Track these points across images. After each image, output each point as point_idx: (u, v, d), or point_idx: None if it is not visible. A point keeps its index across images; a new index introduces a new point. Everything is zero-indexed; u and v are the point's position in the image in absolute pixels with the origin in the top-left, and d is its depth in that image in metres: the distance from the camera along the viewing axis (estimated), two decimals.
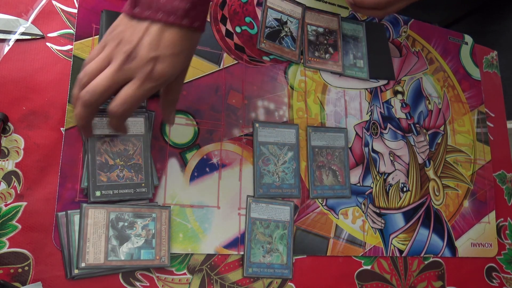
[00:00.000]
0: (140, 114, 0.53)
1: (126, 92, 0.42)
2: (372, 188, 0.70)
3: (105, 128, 0.52)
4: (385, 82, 0.77)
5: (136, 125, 0.53)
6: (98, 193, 0.50)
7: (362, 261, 0.67)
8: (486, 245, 0.77)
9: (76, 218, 0.51)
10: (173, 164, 0.58)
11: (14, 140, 0.52)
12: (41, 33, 0.55)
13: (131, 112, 0.44)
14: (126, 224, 0.53)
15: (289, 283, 0.61)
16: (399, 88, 0.79)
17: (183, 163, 0.59)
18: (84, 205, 0.51)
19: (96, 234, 0.51)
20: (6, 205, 0.50)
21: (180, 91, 0.49)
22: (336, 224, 0.66)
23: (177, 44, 0.42)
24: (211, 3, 0.45)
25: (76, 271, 0.49)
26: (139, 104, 0.44)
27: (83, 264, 0.49)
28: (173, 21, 0.41)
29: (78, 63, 0.56)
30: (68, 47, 0.57)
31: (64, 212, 0.51)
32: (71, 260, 0.50)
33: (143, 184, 0.52)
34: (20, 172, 0.51)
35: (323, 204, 0.66)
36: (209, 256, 0.58)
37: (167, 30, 0.42)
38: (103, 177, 0.50)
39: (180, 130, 0.60)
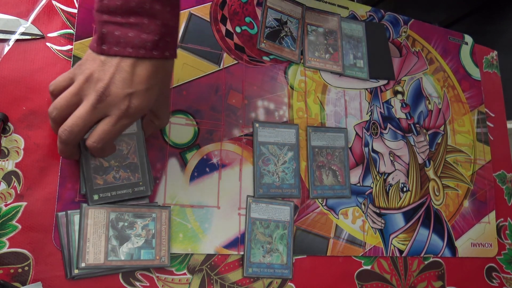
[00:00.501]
0: None
1: (103, 128, 0.43)
2: (372, 188, 0.70)
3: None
4: (385, 82, 0.77)
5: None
6: (96, 197, 0.50)
7: (362, 261, 0.67)
8: (486, 245, 0.77)
9: (76, 218, 0.51)
10: (173, 164, 0.58)
11: (14, 140, 0.52)
12: (41, 33, 0.55)
13: (110, 144, 0.45)
14: (126, 224, 0.53)
15: (289, 283, 0.61)
16: (399, 88, 0.79)
17: (183, 163, 0.59)
18: (84, 205, 0.51)
19: (96, 234, 0.51)
20: (6, 205, 0.50)
21: (168, 116, 0.50)
22: (336, 224, 0.66)
23: (151, 77, 0.42)
24: (179, 30, 0.45)
25: (76, 271, 0.49)
26: (116, 137, 0.45)
27: (83, 264, 0.49)
28: (144, 55, 0.41)
29: None
30: (68, 47, 0.57)
31: (64, 212, 0.51)
32: (71, 260, 0.50)
33: (140, 183, 0.52)
34: (20, 172, 0.51)
35: (323, 204, 0.66)
36: (209, 256, 0.58)
37: (139, 64, 0.41)
38: (99, 180, 0.50)
39: (180, 130, 0.60)
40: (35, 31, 0.55)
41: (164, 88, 0.45)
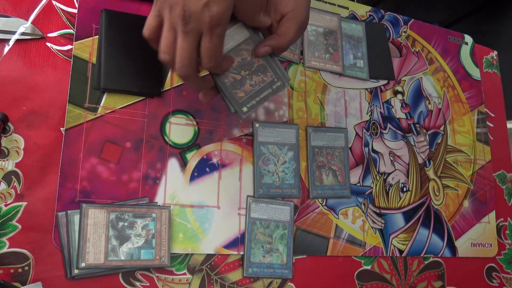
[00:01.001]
0: (235, 21, 0.50)
1: (204, 48, 0.43)
2: (372, 188, 0.70)
3: None
4: (385, 82, 0.77)
5: (239, 32, 0.50)
6: (245, 109, 0.48)
7: (362, 261, 0.67)
8: (486, 245, 0.77)
9: (76, 218, 0.51)
10: (173, 164, 0.58)
11: (14, 140, 0.52)
12: (41, 33, 0.55)
13: (222, 57, 0.45)
14: (126, 224, 0.53)
15: (289, 283, 0.61)
16: (399, 88, 0.79)
17: (183, 163, 0.59)
18: (84, 205, 0.51)
19: (96, 234, 0.51)
20: (6, 205, 0.50)
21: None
22: (336, 224, 0.66)
23: None
24: None
25: (76, 271, 0.49)
26: (221, 47, 0.44)
27: (83, 264, 0.49)
28: None
29: (78, 63, 0.56)
30: (68, 47, 0.57)
31: (64, 212, 0.51)
32: (71, 260, 0.50)
33: (275, 79, 0.50)
34: (20, 172, 0.51)
35: (323, 204, 0.66)
36: (209, 256, 0.58)
37: None
38: (240, 93, 0.49)
39: (180, 130, 0.60)
40: (35, 31, 0.55)
41: None
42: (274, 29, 0.50)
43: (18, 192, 0.50)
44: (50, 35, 0.56)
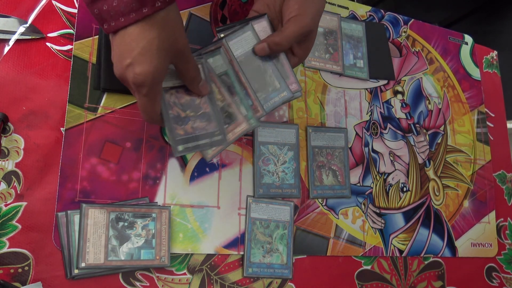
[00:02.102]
0: (198, 61, 0.50)
1: (142, 112, 0.45)
2: (372, 188, 0.70)
3: (168, 80, 0.49)
4: (385, 82, 0.77)
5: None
6: (180, 148, 0.48)
7: (362, 261, 0.67)
8: (486, 245, 0.77)
9: (76, 218, 0.51)
10: (173, 164, 0.58)
11: (14, 140, 0.52)
12: (41, 33, 0.55)
13: (157, 113, 0.46)
14: (126, 224, 0.53)
15: (289, 283, 0.61)
16: (399, 88, 0.79)
17: (183, 163, 0.59)
18: (84, 205, 0.51)
19: (96, 234, 0.51)
20: (6, 205, 0.50)
21: (193, 67, 0.47)
22: (336, 224, 0.66)
23: (143, 37, 0.40)
24: None
25: (76, 271, 0.49)
26: (154, 106, 0.44)
27: (83, 264, 0.49)
28: (135, 18, 0.39)
29: (78, 63, 0.56)
30: (68, 47, 0.57)
31: (64, 212, 0.51)
32: (71, 260, 0.50)
33: (217, 132, 0.50)
34: (20, 172, 0.51)
35: (323, 204, 0.66)
36: (209, 256, 0.58)
37: (127, 33, 0.40)
38: (180, 130, 0.48)
39: None
40: (35, 31, 0.55)
41: (170, 41, 0.42)
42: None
43: (18, 192, 0.50)
44: (50, 35, 0.56)
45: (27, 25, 0.55)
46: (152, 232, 0.53)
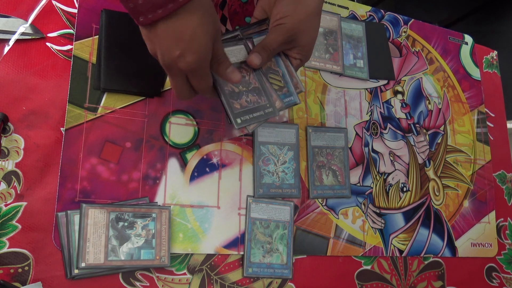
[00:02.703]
0: (240, 42, 0.53)
1: (194, 85, 0.46)
2: (372, 188, 0.70)
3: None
4: (385, 82, 0.77)
5: (240, 52, 0.53)
6: (239, 120, 0.50)
7: (362, 261, 0.67)
8: (486, 245, 0.77)
9: (76, 218, 0.51)
10: (173, 164, 0.58)
11: (14, 140, 0.52)
12: (41, 33, 0.55)
13: (210, 86, 0.48)
14: (126, 224, 0.53)
15: (289, 283, 0.61)
16: (399, 88, 0.79)
17: (183, 163, 0.59)
18: (84, 205, 0.51)
19: (96, 234, 0.51)
20: (6, 205, 0.50)
21: (221, 49, 0.47)
22: (336, 224, 0.66)
23: (188, 25, 0.40)
24: None
25: (76, 271, 0.49)
26: (209, 82, 0.46)
27: (83, 264, 0.49)
28: (173, 7, 0.39)
29: (78, 63, 0.56)
30: (68, 47, 0.57)
31: (64, 212, 0.51)
32: (71, 260, 0.50)
33: (268, 105, 0.52)
34: (20, 172, 0.51)
35: (323, 204, 0.66)
36: (209, 256, 0.58)
37: (169, 23, 0.40)
38: (237, 105, 0.50)
39: (180, 130, 0.60)
40: (35, 31, 0.55)
41: (211, 23, 0.43)
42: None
43: (18, 192, 0.50)
44: (50, 35, 0.56)
45: (27, 25, 0.55)
46: (152, 232, 0.54)
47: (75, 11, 0.58)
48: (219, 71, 0.48)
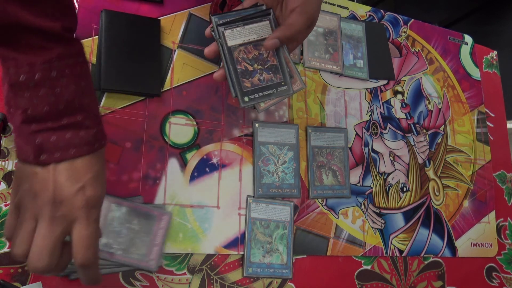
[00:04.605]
0: (265, 17, 0.54)
1: (80, 236, 0.38)
2: (372, 188, 0.70)
3: (237, 37, 0.53)
4: (385, 82, 0.77)
5: (264, 28, 0.54)
6: (246, 99, 0.50)
7: (362, 261, 0.67)
8: (486, 245, 0.77)
9: None
10: (173, 164, 0.58)
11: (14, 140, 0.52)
12: None
13: (97, 249, 0.40)
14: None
15: (289, 283, 0.61)
16: (399, 88, 0.79)
17: (183, 163, 0.59)
18: None
19: None
20: (6, 205, 0.50)
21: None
22: (336, 224, 0.66)
23: (93, 165, 0.39)
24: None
25: None
26: (100, 233, 0.40)
27: None
28: (88, 150, 0.39)
29: None
30: None
31: None
32: None
33: (283, 83, 0.53)
34: None
35: (323, 204, 0.66)
36: (209, 256, 0.58)
37: (76, 160, 0.38)
38: (247, 83, 0.51)
39: (180, 130, 0.60)
40: None
41: (105, 173, 0.42)
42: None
43: None
44: None
45: None
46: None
47: (75, 11, 0.58)
48: None
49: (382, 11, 0.82)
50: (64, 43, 0.37)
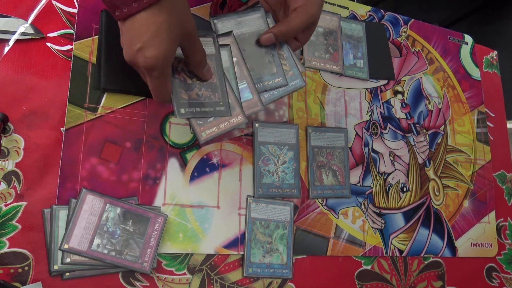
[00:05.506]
0: (209, 34, 0.52)
1: (151, 87, 0.45)
2: (372, 188, 0.70)
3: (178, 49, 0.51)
4: (385, 82, 0.77)
5: (207, 44, 0.52)
6: (182, 110, 0.48)
7: (362, 261, 0.67)
8: (486, 245, 0.77)
9: (62, 213, 0.51)
10: (173, 164, 0.58)
11: (14, 140, 0.52)
12: (41, 33, 0.55)
13: (169, 93, 0.47)
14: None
15: (289, 283, 0.61)
16: (399, 88, 0.79)
17: (183, 163, 0.59)
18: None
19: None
20: (6, 205, 0.50)
21: (200, 51, 0.48)
22: (336, 224, 0.66)
23: (152, 23, 0.41)
24: None
25: (55, 267, 0.49)
26: (166, 87, 0.45)
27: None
28: (147, 3, 0.40)
29: (78, 63, 0.56)
30: (68, 47, 0.57)
31: (49, 209, 0.51)
32: (51, 256, 0.49)
33: (221, 103, 0.51)
34: (20, 172, 0.51)
35: (323, 204, 0.66)
36: (209, 256, 0.58)
37: (137, 18, 0.41)
38: (184, 95, 0.49)
39: (180, 130, 0.60)
40: (35, 31, 0.55)
41: (178, 24, 0.43)
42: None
43: (18, 192, 0.50)
44: (50, 35, 0.56)
45: (27, 25, 0.55)
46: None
47: (75, 11, 0.58)
48: (196, 70, 0.49)
49: (382, 11, 0.82)
50: None
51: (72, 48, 0.57)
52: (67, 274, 0.50)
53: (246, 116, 0.51)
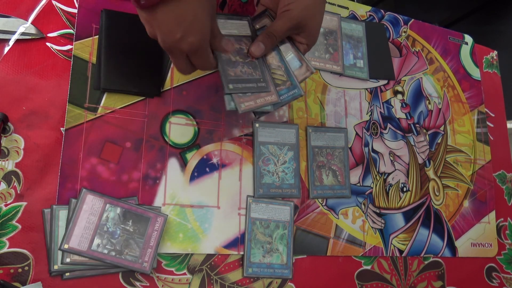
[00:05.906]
0: (244, 18, 0.55)
1: (195, 64, 0.47)
2: (372, 188, 0.70)
3: (221, 28, 0.53)
4: (385, 82, 0.77)
5: (243, 27, 0.55)
6: (231, 86, 0.51)
7: (362, 261, 0.67)
8: (486, 245, 0.77)
9: (62, 213, 0.51)
10: (173, 164, 0.58)
11: (14, 140, 0.52)
12: (41, 33, 0.55)
13: (213, 61, 0.49)
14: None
15: (289, 283, 0.61)
16: (399, 88, 0.79)
17: (183, 163, 0.59)
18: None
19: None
20: (6, 205, 0.50)
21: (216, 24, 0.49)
22: (336, 224, 0.66)
23: (185, 11, 0.41)
24: None
25: (55, 267, 0.49)
26: (209, 60, 0.48)
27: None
28: None
29: (78, 63, 0.56)
30: (68, 47, 0.57)
31: (49, 209, 0.51)
32: (52, 256, 0.49)
33: (261, 79, 0.53)
34: (20, 172, 0.51)
35: (323, 204, 0.66)
36: (209, 256, 0.58)
37: (168, 8, 0.40)
38: (231, 72, 0.52)
39: (180, 130, 0.60)
40: (35, 31, 0.55)
41: (209, 4, 0.44)
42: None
43: (18, 192, 0.50)
44: (50, 35, 0.56)
45: (27, 25, 0.55)
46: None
47: (75, 11, 0.58)
48: (215, 44, 0.49)
49: (382, 11, 0.82)
50: None
51: (72, 48, 0.57)
52: (67, 274, 0.50)
53: (279, 96, 0.53)
